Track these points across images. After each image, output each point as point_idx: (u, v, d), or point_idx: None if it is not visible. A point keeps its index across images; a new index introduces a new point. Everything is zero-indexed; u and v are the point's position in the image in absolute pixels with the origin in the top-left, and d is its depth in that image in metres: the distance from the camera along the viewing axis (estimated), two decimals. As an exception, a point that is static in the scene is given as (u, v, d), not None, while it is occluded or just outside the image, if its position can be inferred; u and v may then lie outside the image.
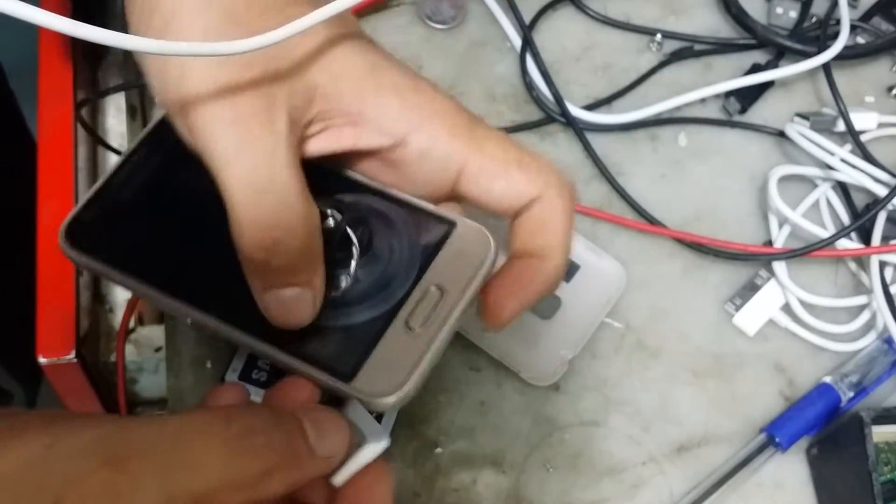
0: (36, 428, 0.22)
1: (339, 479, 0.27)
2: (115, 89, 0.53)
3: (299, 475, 0.24)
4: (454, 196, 0.31)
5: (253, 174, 0.28)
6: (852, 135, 0.48)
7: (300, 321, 0.29)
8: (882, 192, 0.46)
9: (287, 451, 0.24)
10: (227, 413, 0.24)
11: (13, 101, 0.55)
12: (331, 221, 0.30)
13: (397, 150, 0.30)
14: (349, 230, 0.30)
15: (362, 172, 0.32)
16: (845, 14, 0.50)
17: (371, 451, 0.27)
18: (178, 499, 0.22)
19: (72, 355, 0.43)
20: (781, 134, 0.50)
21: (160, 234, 0.32)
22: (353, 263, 0.30)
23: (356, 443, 0.27)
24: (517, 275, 0.30)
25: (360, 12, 0.51)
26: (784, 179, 0.47)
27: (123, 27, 0.29)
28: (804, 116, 0.49)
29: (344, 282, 0.30)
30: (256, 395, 0.31)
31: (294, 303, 0.28)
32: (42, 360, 0.43)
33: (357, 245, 0.30)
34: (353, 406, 0.28)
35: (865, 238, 0.46)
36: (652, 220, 0.47)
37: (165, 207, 0.32)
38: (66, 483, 0.21)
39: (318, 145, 0.30)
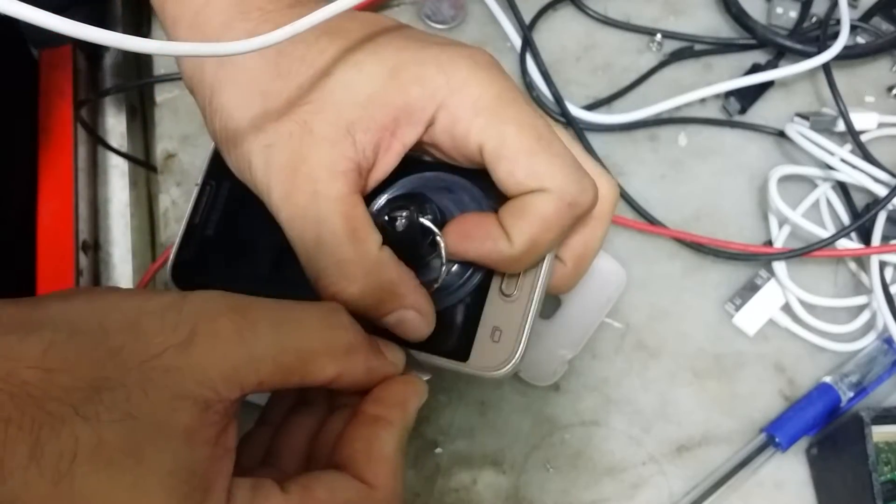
0: (171, 290, 0.25)
1: None
2: (115, 89, 0.53)
3: (376, 363, 0.28)
4: None
5: (304, 233, 0.29)
6: (852, 135, 0.48)
7: (419, 337, 0.30)
8: (882, 192, 0.46)
9: (366, 337, 0.27)
10: (317, 302, 0.27)
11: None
12: (401, 222, 0.30)
13: (429, 132, 0.30)
14: (423, 220, 0.30)
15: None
16: (845, 14, 0.50)
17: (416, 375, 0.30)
18: (288, 352, 0.25)
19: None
20: (781, 134, 0.50)
21: (249, 259, 0.33)
22: (443, 249, 0.30)
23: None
24: (473, 229, 0.30)
25: (360, 12, 0.51)
26: (784, 179, 0.47)
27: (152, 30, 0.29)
28: (804, 116, 0.49)
29: (440, 270, 0.31)
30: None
31: (402, 325, 0.29)
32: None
33: (438, 232, 0.30)
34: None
35: (865, 238, 0.46)
36: (652, 220, 0.47)
37: (247, 229, 0.33)
38: (201, 318, 0.24)
39: (381, 169, 0.30)
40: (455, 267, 0.31)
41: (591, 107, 0.50)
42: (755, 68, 0.51)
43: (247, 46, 0.26)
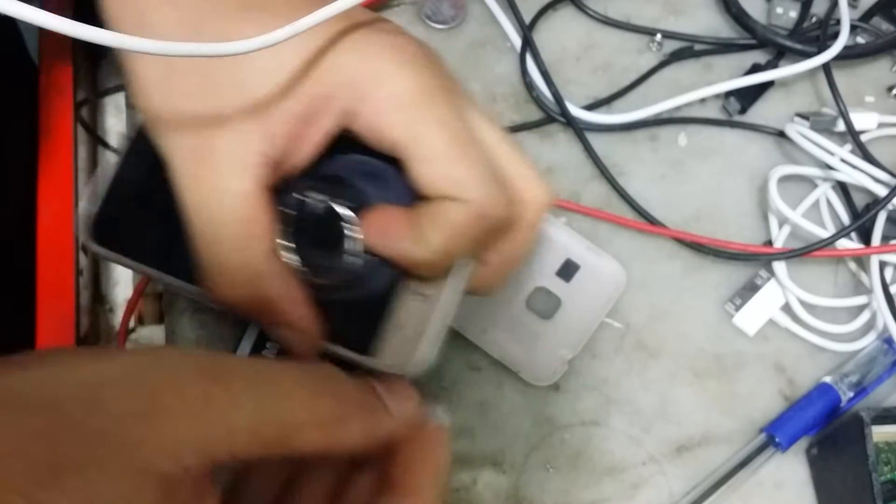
0: (135, 350, 0.23)
1: None
2: (115, 89, 0.53)
3: (376, 426, 0.25)
4: None
5: (201, 224, 0.28)
6: (852, 135, 0.48)
7: (301, 354, 0.29)
8: (882, 192, 0.46)
9: (362, 401, 0.25)
10: (303, 364, 0.25)
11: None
12: (314, 204, 0.30)
13: (349, 122, 0.29)
14: (338, 207, 0.30)
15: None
16: (845, 14, 0.50)
17: (435, 419, 0.28)
18: (269, 423, 0.23)
19: (72, 355, 0.43)
20: (781, 134, 0.50)
21: (171, 223, 0.32)
22: (353, 239, 0.30)
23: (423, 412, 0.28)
24: (391, 226, 0.30)
25: (360, 12, 0.51)
26: (784, 179, 0.47)
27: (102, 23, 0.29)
28: (804, 116, 0.49)
29: (351, 260, 0.30)
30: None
31: (283, 341, 0.28)
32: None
33: (353, 221, 0.30)
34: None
35: (865, 238, 0.46)
36: (652, 220, 0.47)
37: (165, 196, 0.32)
38: (168, 386, 0.22)
39: (298, 159, 0.29)
40: (369, 257, 0.30)
41: (591, 107, 0.50)
42: (755, 68, 0.51)
43: (247, 46, 0.26)
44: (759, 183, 0.49)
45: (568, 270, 0.45)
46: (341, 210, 0.30)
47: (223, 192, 0.27)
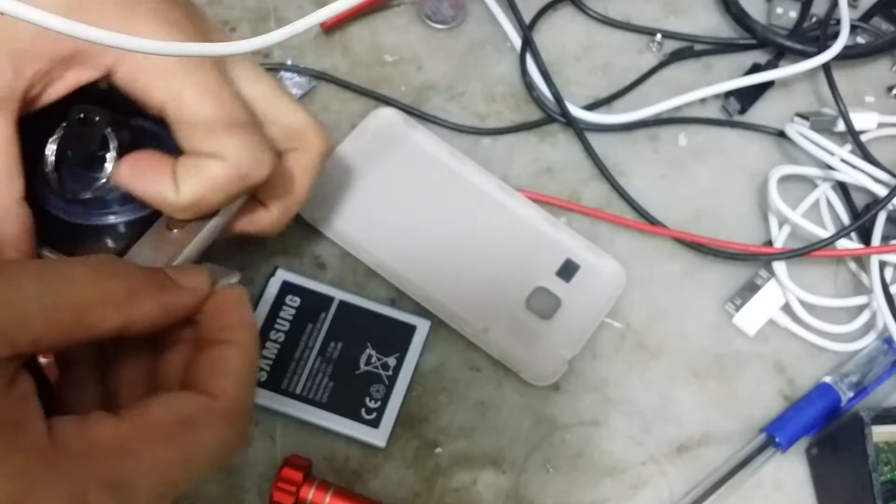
0: None
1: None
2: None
3: (169, 299, 0.27)
4: None
5: None
6: (852, 135, 0.48)
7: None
8: (882, 192, 0.46)
9: (150, 277, 0.27)
10: (89, 257, 0.26)
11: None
12: (85, 122, 0.31)
13: (110, 78, 0.31)
14: (109, 131, 0.32)
15: None
16: (845, 14, 0.50)
17: (226, 283, 0.30)
18: (60, 307, 0.24)
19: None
20: (781, 134, 0.50)
21: None
22: (109, 168, 0.32)
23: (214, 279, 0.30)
24: (147, 168, 0.32)
25: (360, 12, 0.51)
26: (784, 179, 0.47)
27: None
28: (804, 116, 0.49)
29: (100, 179, 0.32)
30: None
31: None
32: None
33: (116, 146, 0.32)
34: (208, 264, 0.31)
35: (865, 238, 0.46)
36: (652, 220, 0.47)
37: None
38: None
39: (48, 96, 0.31)
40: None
41: (591, 107, 0.50)
42: (755, 68, 0.51)
43: (247, 46, 0.26)
44: (759, 183, 0.49)
45: (568, 270, 0.45)
46: (109, 137, 0.32)
47: None
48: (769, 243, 0.47)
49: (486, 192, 0.46)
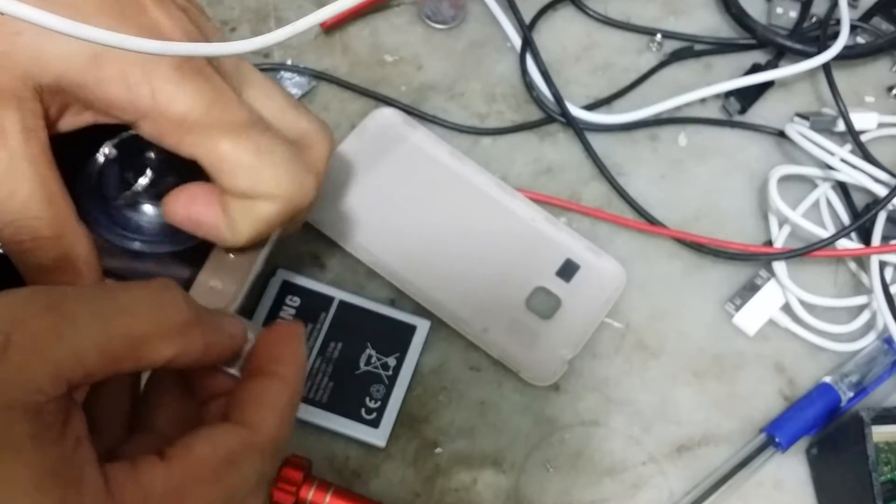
0: None
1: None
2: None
3: (215, 333, 0.27)
4: None
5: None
6: (852, 135, 0.48)
7: (73, 279, 0.30)
8: (882, 192, 0.46)
9: (201, 312, 0.26)
10: (142, 281, 0.26)
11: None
12: (107, 151, 0.33)
13: (137, 130, 0.31)
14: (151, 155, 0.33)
15: None
16: (845, 14, 0.50)
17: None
18: (114, 340, 0.24)
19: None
20: (781, 134, 0.50)
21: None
22: (145, 181, 0.33)
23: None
24: (200, 208, 0.32)
25: (360, 12, 0.51)
26: (784, 179, 0.47)
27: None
28: (804, 116, 0.49)
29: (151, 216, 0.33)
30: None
31: (62, 267, 0.30)
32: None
33: (151, 168, 0.32)
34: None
35: (865, 238, 0.46)
36: (652, 220, 0.47)
37: None
38: (14, 323, 0.23)
39: (64, 125, 0.31)
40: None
41: (591, 107, 0.50)
42: (755, 68, 0.51)
43: (247, 46, 0.26)
44: (759, 183, 0.49)
45: (568, 270, 0.45)
46: (151, 174, 0.33)
47: (17, 155, 0.28)
48: (769, 243, 0.47)
49: (486, 192, 0.46)
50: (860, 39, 0.52)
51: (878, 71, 0.52)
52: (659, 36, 0.52)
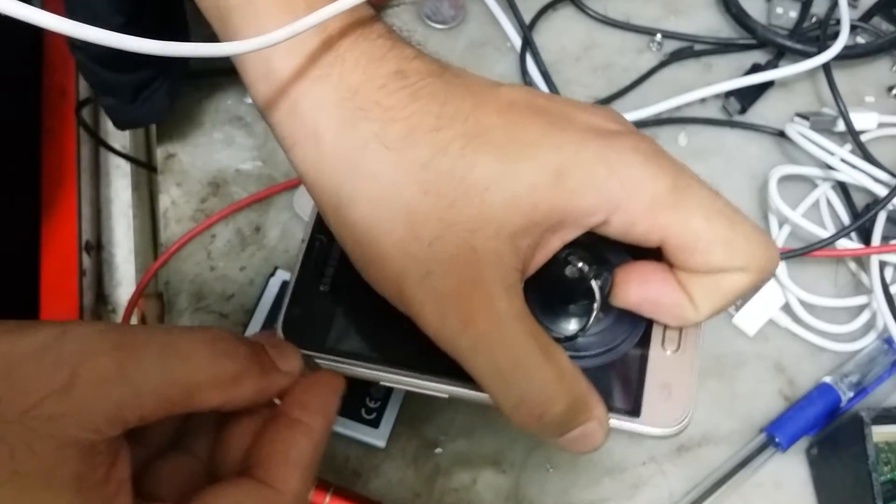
0: (46, 324, 0.24)
1: None
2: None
3: (267, 383, 0.27)
4: None
5: (495, 359, 0.26)
6: (852, 135, 0.48)
7: (595, 448, 0.28)
8: (882, 192, 0.46)
9: (255, 360, 0.27)
10: (202, 328, 0.27)
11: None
12: (571, 271, 0.29)
13: (601, 229, 0.28)
14: (593, 282, 0.29)
15: None
16: (845, 14, 0.50)
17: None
18: (173, 386, 0.24)
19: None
20: (781, 134, 0.50)
21: (366, 314, 0.31)
22: (597, 298, 0.29)
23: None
24: (656, 290, 0.29)
25: (360, 13, 0.51)
26: (784, 179, 0.47)
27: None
28: (804, 116, 0.49)
29: (587, 320, 0.30)
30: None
31: (584, 438, 0.28)
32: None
33: (598, 292, 0.29)
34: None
35: (865, 238, 0.46)
36: (652, 220, 0.47)
37: (352, 288, 0.31)
38: (82, 358, 0.23)
39: (534, 265, 0.29)
40: (602, 320, 0.30)
41: (591, 107, 0.50)
42: (755, 68, 0.51)
43: (247, 46, 0.26)
44: (759, 183, 0.49)
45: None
46: (583, 267, 0.29)
47: (506, 318, 0.26)
48: (769, 243, 0.47)
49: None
50: (860, 39, 0.52)
51: (878, 71, 0.52)
52: (659, 36, 0.52)
